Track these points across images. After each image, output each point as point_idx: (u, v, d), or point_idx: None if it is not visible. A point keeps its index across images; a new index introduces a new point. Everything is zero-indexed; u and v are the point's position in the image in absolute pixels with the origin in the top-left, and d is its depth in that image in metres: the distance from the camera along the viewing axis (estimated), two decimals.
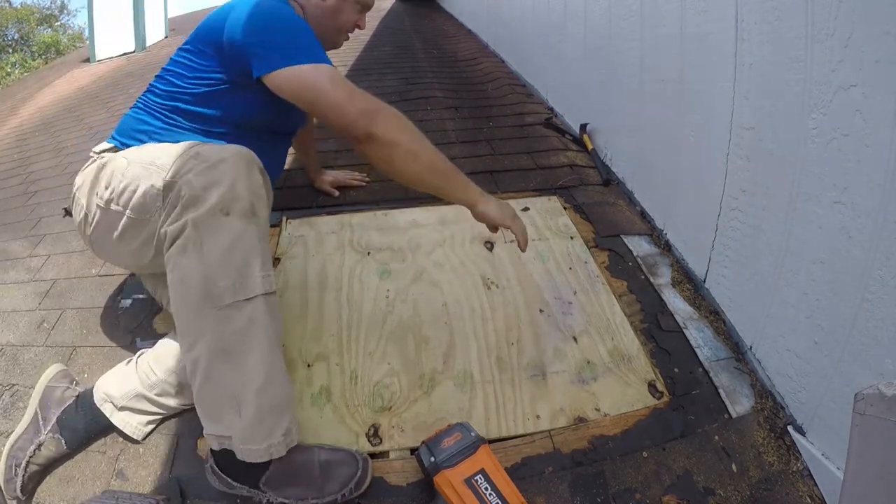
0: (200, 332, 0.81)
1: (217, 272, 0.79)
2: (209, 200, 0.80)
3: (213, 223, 0.80)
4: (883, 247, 0.75)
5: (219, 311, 0.80)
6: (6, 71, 12.14)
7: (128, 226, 0.95)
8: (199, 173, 0.82)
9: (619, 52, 1.67)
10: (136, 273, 1.26)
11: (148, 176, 0.89)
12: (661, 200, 1.53)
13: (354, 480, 0.86)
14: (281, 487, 0.85)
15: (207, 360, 0.82)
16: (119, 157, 0.99)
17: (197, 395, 0.85)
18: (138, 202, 0.91)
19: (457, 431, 0.90)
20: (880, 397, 0.48)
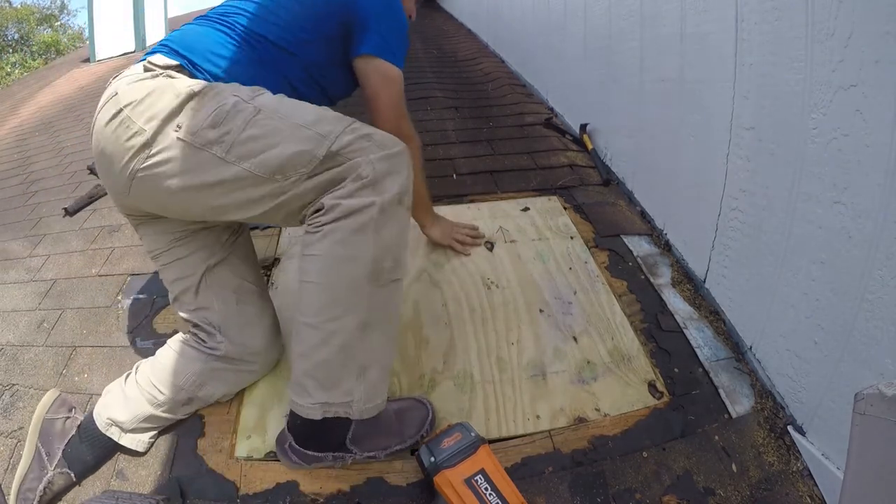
0: (352, 307, 0.84)
1: (385, 255, 0.84)
2: (392, 189, 0.83)
3: (394, 211, 0.84)
4: (883, 247, 0.75)
5: (376, 288, 0.85)
6: (6, 71, 12.14)
7: (234, 178, 0.83)
8: (382, 159, 0.84)
9: (619, 52, 1.67)
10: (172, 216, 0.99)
11: (301, 139, 0.83)
12: (661, 200, 1.53)
13: (428, 421, 0.97)
14: (365, 442, 0.91)
15: (350, 333, 0.85)
16: (227, 94, 0.86)
17: (316, 363, 0.86)
18: (276, 161, 0.82)
19: (457, 431, 0.90)
20: (880, 397, 0.48)
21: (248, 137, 0.82)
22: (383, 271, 0.85)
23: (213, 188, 0.84)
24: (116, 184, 0.89)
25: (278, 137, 0.82)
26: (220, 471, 0.95)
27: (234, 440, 1.00)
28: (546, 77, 2.58)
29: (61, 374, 1.18)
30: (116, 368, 1.17)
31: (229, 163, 0.82)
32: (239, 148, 0.82)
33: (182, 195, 0.86)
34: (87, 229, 1.76)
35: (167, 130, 0.83)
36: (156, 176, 0.85)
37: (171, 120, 0.84)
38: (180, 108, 0.84)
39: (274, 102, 0.88)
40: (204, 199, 0.86)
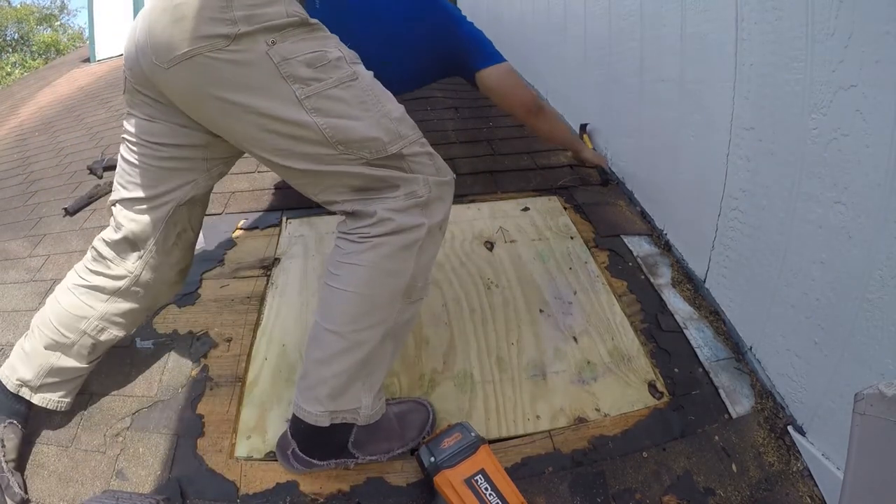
0: (384, 319, 0.86)
1: (420, 274, 0.88)
2: (438, 215, 0.87)
3: (436, 235, 0.88)
4: (883, 247, 0.75)
5: (407, 304, 0.88)
6: (6, 71, 12.14)
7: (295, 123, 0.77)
8: (438, 184, 0.86)
9: (619, 52, 1.67)
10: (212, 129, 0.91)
11: (381, 126, 0.80)
12: (661, 200, 1.53)
13: (429, 423, 0.98)
14: (367, 446, 0.92)
15: (375, 344, 0.86)
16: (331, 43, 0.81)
17: (337, 373, 0.85)
18: (349, 134, 0.78)
19: (457, 431, 0.90)
20: (880, 397, 0.48)
21: (335, 97, 0.78)
22: (416, 289, 0.88)
23: (271, 120, 0.77)
24: (159, 51, 0.76)
25: (362, 113, 0.79)
26: (220, 471, 0.95)
27: (234, 440, 1.00)
28: (546, 77, 2.58)
29: None
30: (116, 368, 1.17)
31: (304, 108, 0.77)
32: (321, 101, 0.77)
33: (232, 108, 0.77)
34: (87, 229, 1.76)
35: (259, 38, 0.75)
36: (217, 72, 0.75)
37: (267, 34, 0.75)
38: (285, 26, 0.76)
39: (369, 79, 0.84)
40: (253, 124, 0.78)
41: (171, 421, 1.04)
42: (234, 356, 1.16)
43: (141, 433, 1.03)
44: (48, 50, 13.66)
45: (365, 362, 0.87)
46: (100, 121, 3.07)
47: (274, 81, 0.75)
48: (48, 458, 1.00)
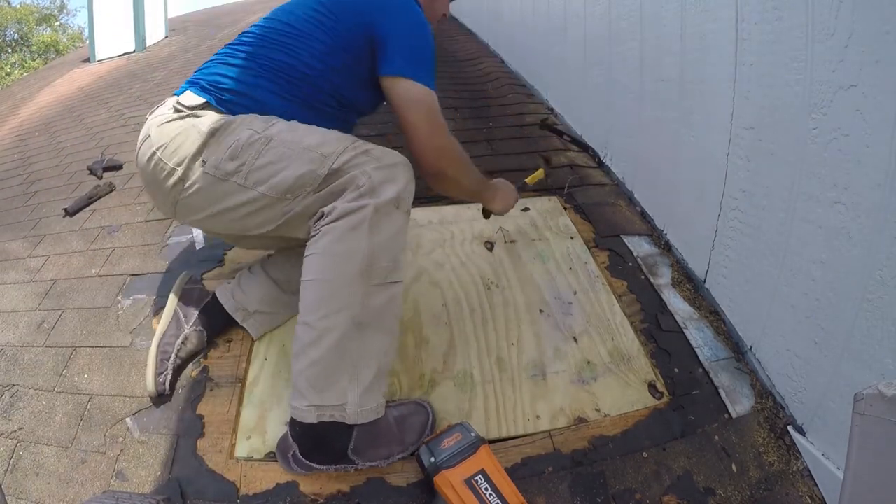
0: (346, 304, 0.86)
1: (381, 253, 0.88)
2: (388, 193, 0.89)
3: (389, 212, 0.89)
4: (883, 247, 0.75)
5: (370, 286, 0.87)
6: (6, 71, 12.15)
7: (253, 201, 0.93)
8: (378, 169, 0.90)
9: (619, 52, 1.67)
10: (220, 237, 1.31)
11: (306, 161, 0.91)
12: (661, 200, 1.53)
13: (429, 426, 0.97)
14: (367, 451, 0.91)
15: (343, 331, 0.86)
16: (243, 128, 0.95)
17: (311, 363, 0.87)
18: (285, 183, 0.91)
19: (457, 432, 0.90)
20: (880, 397, 0.48)
21: (262, 165, 0.92)
22: (379, 270, 0.88)
23: (237, 210, 0.95)
24: (164, 207, 1.04)
25: (287, 161, 0.91)
26: (220, 471, 0.95)
27: (234, 440, 1.00)
28: (546, 77, 2.58)
29: (61, 375, 1.18)
30: (116, 369, 1.17)
31: (248, 188, 0.93)
32: (255, 174, 0.92)
33: (214, 218, 0.98)
34: (87, 229, 1.76)
35: (195, 167, 0.95)
36: (192, 203, 0.98)
37: (198, 157, 0.95)
38: (204, 145, 0.95)
39: (284, 130, 0.95)
40: (230, 220, 0.97)
41: (171, 421, 1.04)
42: (234, 357, 1.16)
43: (141, 433, 1.03)
44: (48, 50, 13.67)
45: (341, 352, 0.86)
46: (100, 121, 3.07)
47: (221, 186, 0.94)
48: (48, 458, 1.00)
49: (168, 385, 1.07)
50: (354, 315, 0.86)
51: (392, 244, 0.89)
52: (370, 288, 0.87)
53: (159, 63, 4.49)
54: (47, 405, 1.11)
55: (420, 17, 1.08)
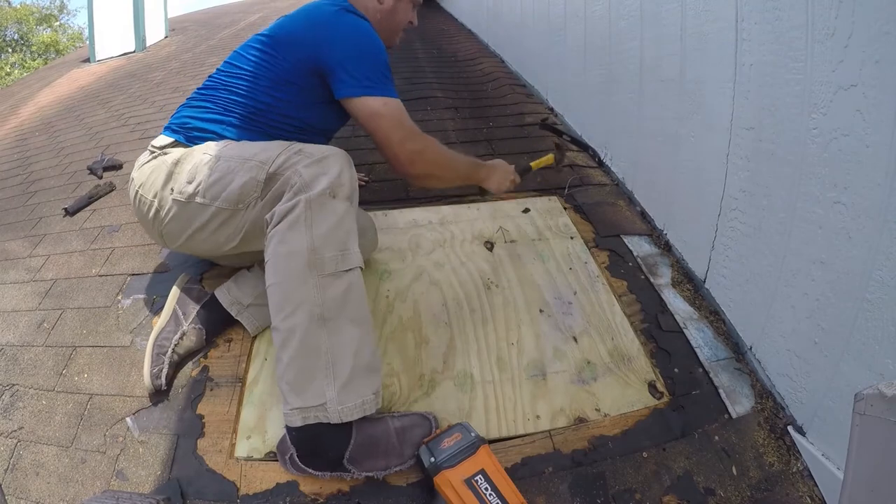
0: (302, 300, 0.87)
1: (324, 244, 0.89)
2: (320, 185, 0.90)
3: (323, 203, 0.90)
4: (883, 247, 0.75)
5: (322, 278, 0.88)
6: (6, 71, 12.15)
7: (215, 216, 1.02)
8: (309, 165, 0.93)
9: (619, 52, 1.67)
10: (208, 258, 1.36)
11: (247, 170, 0.98)
12: (661, 200, 1.53)
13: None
14: (364, 461, 0.90)
15: (306, 327, 0.87)
16: (198, 153, 1.05)
17: (286, 365, 0.88)
18: (233, 194, 0.98)
19: (457, 432, 0.90)
20: (880, 397, 0.48)
21: (214, 181, 1.00)
22: (326, 261, 0.89)
23: (205, 228, 1.03)
24: (155, 238, 1.16)
25: (233, 174, 0.99)
26: (220, 471, 0.95)
27: (234, 440, 1.00)
28: (546, 77, 2.58)
29: (61, 374, 1.18)
30: (116, 368, 1.17)
31: (208, 205, 1.01)
32: (210, 191, 1.00)
33: (192, 240, 1.07)
34: (87, 229, 1.76)
35: (166, 195, 1.05)
36: (171, 230, 1.08)
37: (167, 186, 1.05)
38: (170, 175, 1.05)
39: (231, 147, 1.04)
40: (204, 239, 1.06)
41: (171, 421, 1.04)
42: (235, 356, 1.16)
43: (141, 433, 1.03)
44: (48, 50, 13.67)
45: (309, 350, 0.87)
46: (100, 121, 3.07)
47: (187, 208, 1.03)
48: (48, 458, 1.00)
49: (164, 381, 1.07)
50: (312, 310, 0.87)
51: (335, 233, 0.90)
52: (322, 280, 0.88)
53: (159, 63, 4.49)
54: (47, 405, 1.11)
55: (360, 31, 1.11)
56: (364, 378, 0.90)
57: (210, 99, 1.14)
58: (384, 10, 1.23)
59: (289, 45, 1.12)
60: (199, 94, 1.17)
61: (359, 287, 0.93)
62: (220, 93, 1.14)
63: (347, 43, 1.09)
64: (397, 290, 1.32)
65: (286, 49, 1.12)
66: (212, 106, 1.13)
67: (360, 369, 0.90)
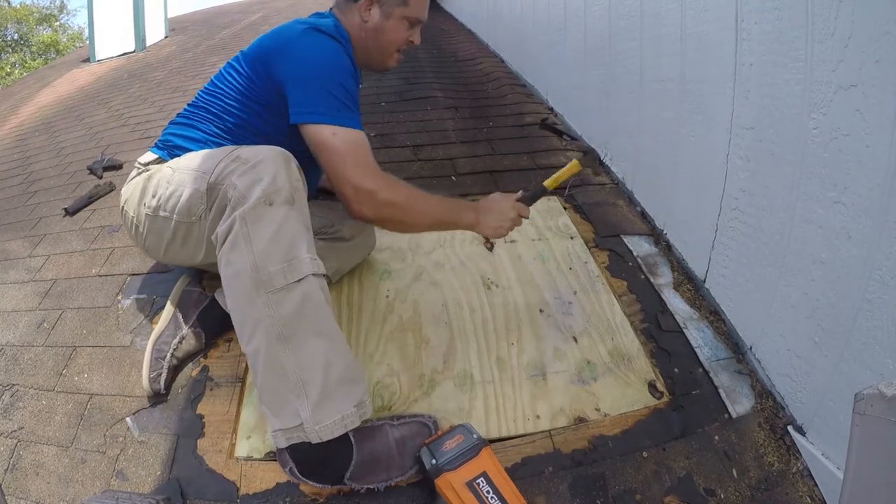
0: (257, 321, 0.84)
1: (266, 258, 0.83)
2: (254, 195, 0.85)
3: (259, 214, 0.84)
4: (883, 247, 0.75)
5: (272, 295, 0.83)
6: (6, 71, 12.15)
7: (176, 230, 1.01)
8: (242, 174, 0.87)
9: (619, 52, 1.67)
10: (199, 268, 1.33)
11: (192, 181, 0.95)
12: (661, 200, 1.53)
13: None
14: (365, 477, 0.88)
15: (267, 348, 0.83)
16: (165, 168, 1.04)
17: (260, 389, 0.86)
18: (184, 206, 0.96)
19: (459, 433, 0.89)
20: (880, 397, 0.48)
21: (170, 193, 0.99)
22: (272, 276, 0.83)
23: (174, 241, 1.03)
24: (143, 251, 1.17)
25: (183, 186, 0.97)
26: (220, 471, 0.95)
27: (234, 440, 1.00)
28: (546, 77, 2.58)
29: (61, 374, 1.18)
30: (116, 368, 1.17)
31: (169, 218, 1.00)
32: (167, 204, 0.99)
33: (169, 253, 1.07)
34: (87, 229, 1.76)
35: (141, 211, 1.06)
36: (151, 244, 1.09)
37: (141, 201, 1.05)
38: (144, 190, 1.06)
39: (188, 158, 1.02)
40: (177, 252, 1.06)
41: (171, 421, 1.04)
42: (235, 356, 1.16)
43: (141, 433, 1.03)
44: (48, 50, 13.67)
45: (276, 371, 0.83)
46: (100, 121, 3.07)
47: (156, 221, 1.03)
48: (48, 458, 1.00)
49: (164, 384, 1.07)
50: (270, 330, 0.83)
51: (276, 244, 0.84)
52: (272, 297, 0.83)
53: (159, 63, 4.49)
54: (47, 405, 1.11)
55: (315, 51, 1.00)
56: (341, 391, 0.85)
57: (192, 117, 1.13)
58: (368, 28, 1.10)
59: (256, 64, 1.06)
60: (185, 111, 1.15)
61: (316, 296, 0.86)
62: (200, 111, 1.12)
63: (297, 64, 1.00)
64: (397, 290, 1.32)
65: (254, 68, 1.06)
66: (193, 124, 1.12)
67: (334, 383, 0.85)
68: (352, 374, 0.88)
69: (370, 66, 1.19)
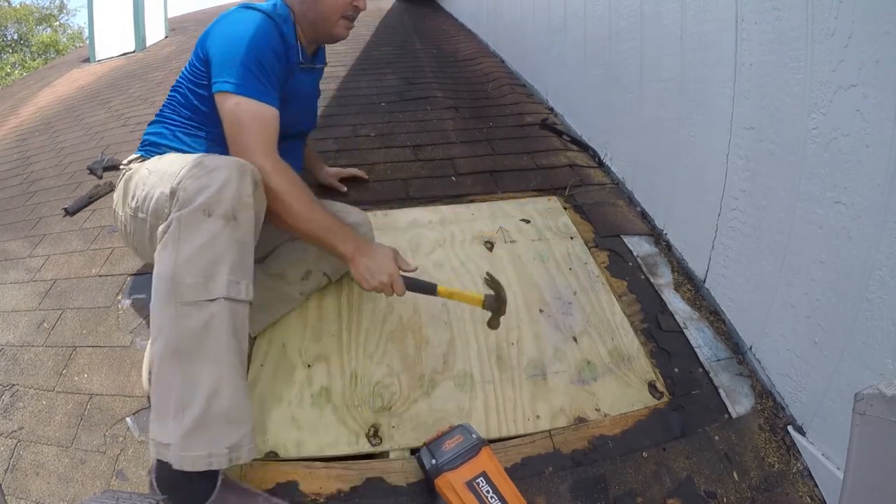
0: (161, 328, 0.81)
1: (186, 269, 0.81)
2: (197, 201, 0.82)
3: (194, 221, 0.82)
4: (883, 247, 0.75)
5: (180, 306, 0.80)
6: (6, 71, 12.15)
7: (152, 231, 0.98)
8: (195, 178, 0.85)
9: (619, 52, 1.67)
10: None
11: (162, 183, 0.94)
12: (661, 200, 1.53)
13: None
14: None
15: (162, 357, 0.80)
16: (143, 168, 1.04)
17: (151, 390, 0.84)
18: (154, 207, 0.95)
19: (458, 433, 0.90)
20: (880, 397, 0.48)
21: (144, 195, 0.98)
22: (185, 288, 0.80)
23: (151, 241, 0.97)
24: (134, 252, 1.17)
25: (154, 187, 0.96)
26: None
27: None
28: (546, 77, 2.58)
29: (61, 375, 1.18)
30: (116, 368, 1.17)
31: (146, 219, 0.99)
32: (143, 205, 0.99)
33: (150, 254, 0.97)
34: (87, 229, 1.76)
35: (126, 212, 1.06)
36: (138, 245, 1.08)
37: (125, 203, 1.06)
38: (125, 192, 1.06)
39: (162, 160, 1.02)
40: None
41: None
42: None
43: (141, 433, 1.03)
44: (48, 50, 13.67)
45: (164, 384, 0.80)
46: (100, 121, 3.07)
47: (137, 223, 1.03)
48: (48, 458, 1.00)
49: None
50: (169, 340, 0.80)
51: (199, 257, 0.81)
52: (180, 309, 0.80)
53: (159, 63, 4.49)
54: (47, 405, 1.11)
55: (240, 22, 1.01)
56: (218, 428, 0.79)
57: (162, 112, 1.14)
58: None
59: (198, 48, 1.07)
60: (163, 107, 1.16)
61: (222, 322, 0.81)
62: (167, 107, 1.14)
63: (218, 39, 1.02)
64: None
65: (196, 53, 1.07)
66: (162, 120, 1.13)
67: (214, 417, 0.79)
68: (237, 414, 0.82)
69: (319, 39, 1.19)
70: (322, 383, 1.09)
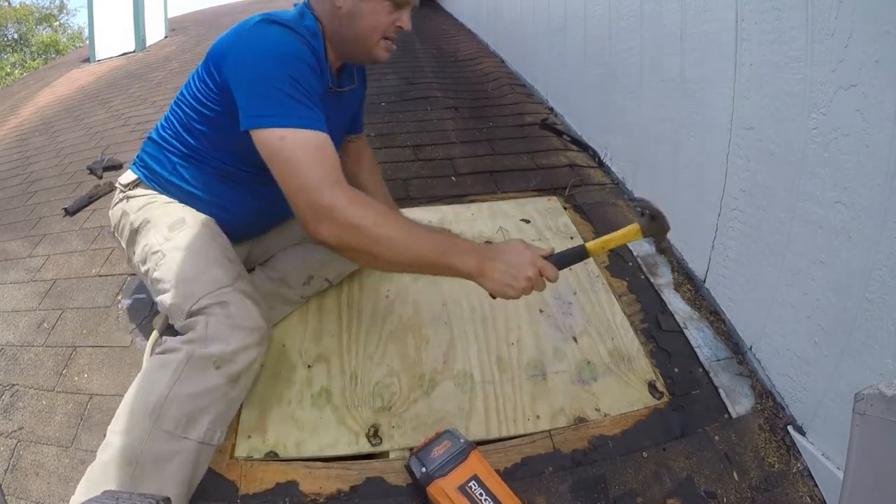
0: (129, 428, 0.80)
1: (176, 404, 0.81)
2: (212, 348, 0.84)
3: (202, 367, 0.83)
4: (883, 247, 0.75)
5: (157, 430, 0.80)
6: (6, 71, 12.15)
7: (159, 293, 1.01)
8: (220, 325, 0.87)
9: (619, 52, 1.67)
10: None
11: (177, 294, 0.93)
12: (660, 200, 1.52)
13: None
14: None
15: (111, 454, 0.79)
16: (152, 234, 1.02)
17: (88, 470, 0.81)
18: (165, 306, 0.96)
19: (446, 439, 0.89)
20: (880, 397, 0.48)
21: (156, 279, 0.98)
22: (169, 418, 0.80)
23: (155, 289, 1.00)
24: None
25: (168, 287, 0.95)
26: (220, 471, 0.95)
27: (234, 440, 1.00)
28: (546, 77, 2.58)
29: (61, 375, 1.18)
30: (116, 368, 1.17)
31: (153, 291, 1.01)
32: (153, 285, 1.00)
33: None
34: (87, 229, 1.76)
35: (132, 258, 1.09)
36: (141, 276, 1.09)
37: (131, 248, 1.08)
38: (132, 240, 1.07)
39: (178, 248, 0.98)
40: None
41: None
42: None
43: None
44: (48, 50, 13.67)
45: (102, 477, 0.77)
46: (100, 121, 3.07)
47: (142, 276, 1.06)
48: (48, 458, 1.00)
49: None
50: (127, 446, 0.78)
51: (192, 401, 0.81)
52: (156, 431, 0.80)
53: (159, 63, 4.49)
54: (47, 405, 1.11)
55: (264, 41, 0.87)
56: None
57: (162, 136, 1.06)
58: (343, 15, 0.94)
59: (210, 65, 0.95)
60: (159, 124, 1.08)
61: (189, 458, 0.81)
62: (168, 127, 1.05)
63: (240, 61, 0.87)
64: (397, 290, 1.32)
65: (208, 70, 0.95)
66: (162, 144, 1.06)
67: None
68: None
69: (356, 59, 1.05)
70: (322, 383, 1.09)
